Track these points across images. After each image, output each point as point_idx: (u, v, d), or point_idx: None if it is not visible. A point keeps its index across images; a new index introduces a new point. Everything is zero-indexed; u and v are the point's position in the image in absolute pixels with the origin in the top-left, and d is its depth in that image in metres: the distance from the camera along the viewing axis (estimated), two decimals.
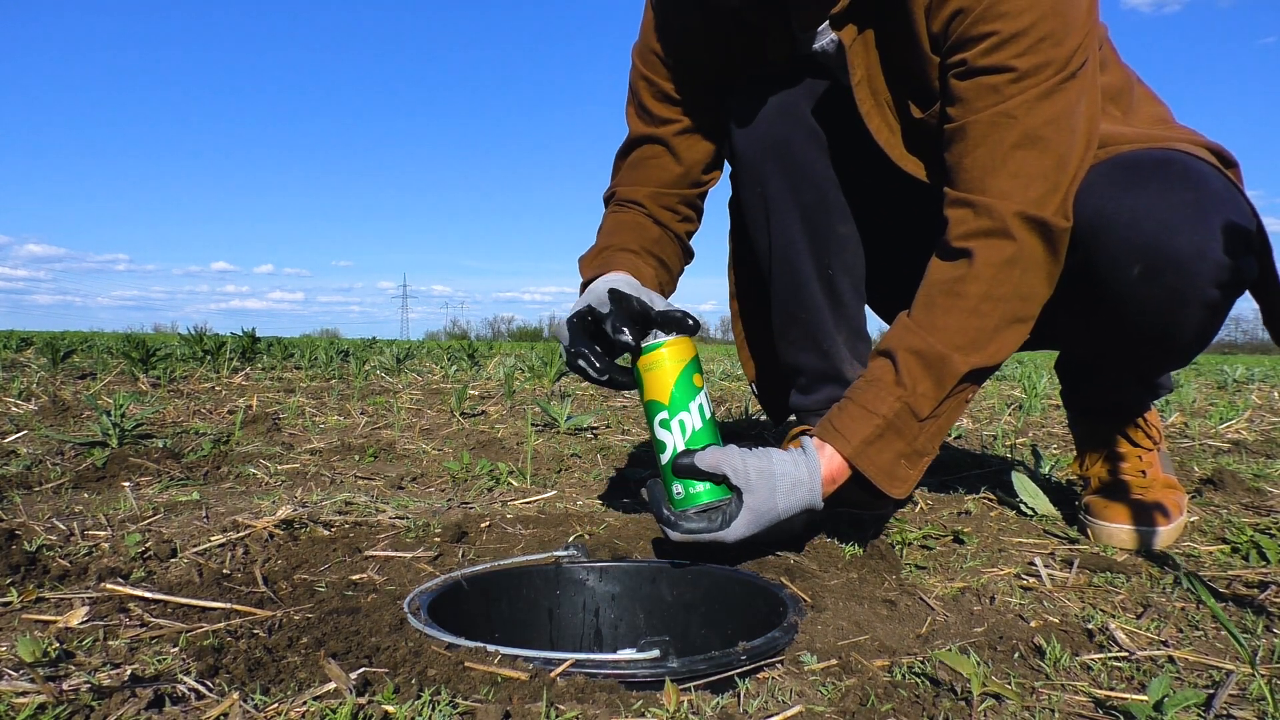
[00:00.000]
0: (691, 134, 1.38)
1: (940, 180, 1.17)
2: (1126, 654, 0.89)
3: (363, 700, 0.72)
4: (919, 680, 0.82)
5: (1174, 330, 1.14)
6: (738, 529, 1.06)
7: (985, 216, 1.07)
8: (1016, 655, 0.89)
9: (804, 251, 1.36)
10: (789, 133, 1.33)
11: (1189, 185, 1.09)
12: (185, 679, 0.75)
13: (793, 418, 1.52)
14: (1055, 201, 1.07)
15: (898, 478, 1.09)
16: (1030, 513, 1.49)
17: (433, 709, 0.71)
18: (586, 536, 1.30)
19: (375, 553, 1.19)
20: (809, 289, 1.37)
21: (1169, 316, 1.12)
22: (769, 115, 1.33)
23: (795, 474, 1.06)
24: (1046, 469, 1.79)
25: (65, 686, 0.73)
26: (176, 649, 0.83)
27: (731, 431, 2.51)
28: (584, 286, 1.28)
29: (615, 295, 1.15)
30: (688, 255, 1.46)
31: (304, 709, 0.70)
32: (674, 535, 1.09)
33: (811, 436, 1.12)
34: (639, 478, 1.81)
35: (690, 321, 1.14)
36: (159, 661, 0.80)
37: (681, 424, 1.11)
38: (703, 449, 1.10)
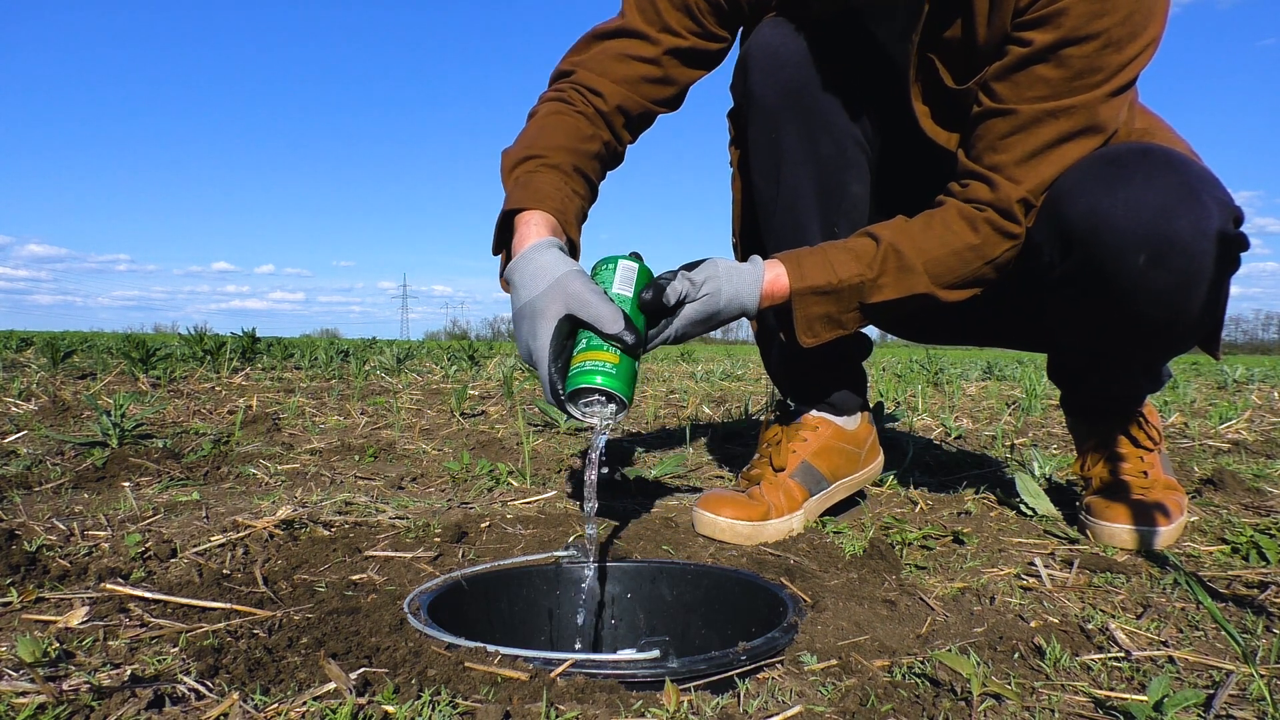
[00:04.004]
0: (688, 58, 1.30)
1: (960, 146, 1.20)
2: (1126, 654, 0.89)
3: (363, 700, 0.72)
4: (919, 680, 0.82)
5: (1183, 311, 1.15)
6: (678, 327, 1.13)
7: (999, 193, 1.16)
8: (1016, 655, 0.89)
9: (812, 207, 1.32)
10: (811, 80, 1.28)
11: (1173, 169, 1.11)
12: (185, 679, 0.75)
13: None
14: (1042, 197, 1.17)
15: (813, 331, 1.21)
16: (1030, 513, 1.49)
17: (433, 709, 0.71)
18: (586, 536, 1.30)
19: (375, 553, 1.19)
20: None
21: (1178, 298, 1.13)
22: (793, 59, 1.27)
23: (739, 286, 1.15)
24: (1047, 469, 1.79)
25: (65, 686, 0.73)
26: (176, 649, 0.83)
27: (731, 431, 2.51)
28: (502, 220, 1.17)
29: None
30: (616, 162, 1.35)
31: (304, 709, 0.70)
32: (643, 351, 1.09)
33: (774, 256, 1.20)
34: (639, 478, 1.81)
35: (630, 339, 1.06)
36: (159, 661, 0.80)
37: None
38: (654, 283, 1.09)
